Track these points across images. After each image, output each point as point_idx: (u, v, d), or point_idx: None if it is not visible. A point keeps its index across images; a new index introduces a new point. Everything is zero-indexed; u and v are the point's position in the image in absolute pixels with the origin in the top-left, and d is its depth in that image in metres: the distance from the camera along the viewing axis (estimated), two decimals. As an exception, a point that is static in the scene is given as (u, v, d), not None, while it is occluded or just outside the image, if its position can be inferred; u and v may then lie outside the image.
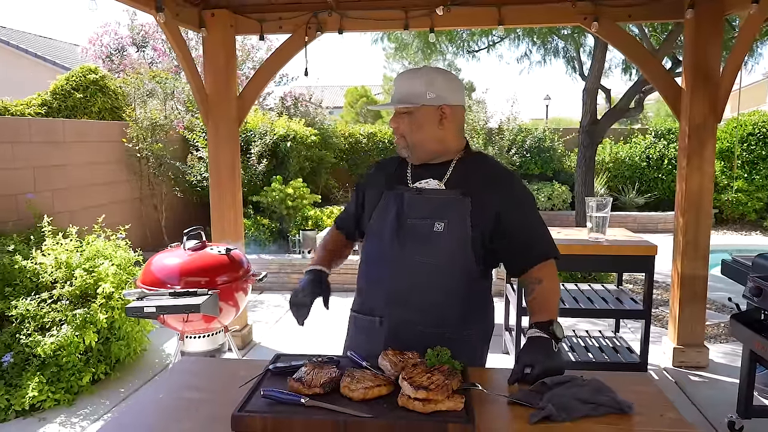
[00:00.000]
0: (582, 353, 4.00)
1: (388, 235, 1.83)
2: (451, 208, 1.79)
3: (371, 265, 1.90)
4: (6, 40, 19.29)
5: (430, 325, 1.80)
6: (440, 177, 1.84)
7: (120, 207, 6.57)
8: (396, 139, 1.87)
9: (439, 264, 1.78)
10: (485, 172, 1.86)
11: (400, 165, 1.95)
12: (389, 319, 1.83)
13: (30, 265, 4.11)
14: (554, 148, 11.13)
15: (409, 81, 1.81)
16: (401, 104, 1.80)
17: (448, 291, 1.80)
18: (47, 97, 7.68)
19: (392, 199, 1.86)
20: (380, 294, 1.85)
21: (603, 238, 3.83)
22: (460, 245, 1.77)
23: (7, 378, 3.70)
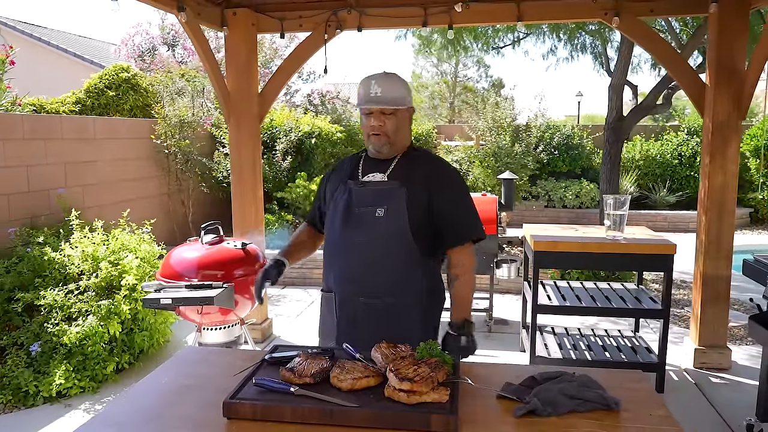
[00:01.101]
0: (599, 352, 3.96)
1: (338, 223, 2.09)
2: (390, 196, 2.05)
3: (327, 250, 2.17)
4: (47, 40, 19.92)
5: (371, 296, 2.05)
6: (384, 171, 2.12)
7: (148, 202, 6.74)
8: (374, 138, 2.06)
9: (381, 244, 2.04)
10: (422, 164, 2.12)
11: (353, 162, 2.22)
12: (339, 293, 2.10)
13: (59, 257, 4.26)
14: (583, 145, 10.97)
15: (393, 85, 2.05)
16: (393, 105, 2.04)
17: (385, 267, 2.04)
18: (81, 95, 7.92)
19: (344, 192, 2.12)
20: (333, 273, 2.13)
21: (621, 237, 3.78)
22: (399, 227, 2.02)
23: (36, 365, 3.85)
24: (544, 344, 4.10)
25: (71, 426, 3.46)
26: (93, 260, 4.28)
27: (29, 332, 3.92)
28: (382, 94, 2.02)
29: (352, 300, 2.06)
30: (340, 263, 2.10)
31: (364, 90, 2.05)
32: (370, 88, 2.03)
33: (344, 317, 2.06)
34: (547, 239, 3.79)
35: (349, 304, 2.07)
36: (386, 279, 2.04)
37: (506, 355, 4.47)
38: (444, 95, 18.08)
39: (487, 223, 4.82)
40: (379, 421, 1.36)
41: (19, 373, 3.74)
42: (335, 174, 2.24)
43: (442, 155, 8.17)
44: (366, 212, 2.05)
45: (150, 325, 4.44)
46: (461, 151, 7.89)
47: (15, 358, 3.83)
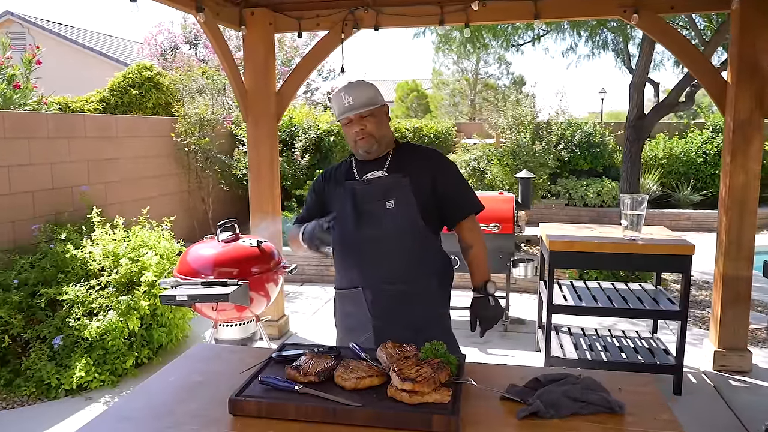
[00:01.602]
0: (615, 353, 3.92)
1: (350, 222, 2.19)
2: (395, 188, 2.18)
3: (342, 248, 2.26)
4: (74, 40, 20.30)
5: (399, 283, 2.18)
6: (381, 167, 2.24)
7: (169, 199, 6.85)
8: (361, 142, 2.18)
9: (397, 233, 2.17)
10: (415, 154, 2.29)
11: (344, 167, 2.34)
12: (370, 287, 2.19)
13: (80, 254, 4.36)
14: (605, 143, 10.83)
15: (362, 90, 2.18)
16: (368, 107, 2.16)
17: (405, 253, 2.18)
18: (105, 93, 8.07)
19: (347, 192, 2.23)
20: (357, 269, 2.23)
21: (638, 237, 3.74)
22: (410, 215, 2.17)
23: (58, 359, 3.94)
24: (560, 344, 4.07)
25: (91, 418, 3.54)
26: (114, 257, 4.36)
27: (52, 326, 4.02)
28: (354, 101, 2.14)
29: (383, 291, 2.17)
30: (363, 259, 2.20)
31: (338, 103, 2.18)
32: (342, 99, 2.16)
33: (378, 309, 2.17)
34: (562, 239, 3.77)
35: (381, 295, 2.17)
36: (409, 264, 2.18)
37: (522, 354, 4.45)
38: (465, 92, 18.00)
39: (504, 222, 4.81)
40: (381, 421, 1.38)
41: (42, 366, 3.84)
42: (329, 181, 2.35)
43: (460, 153, 8.14)
44: (376, 207, 2.17)
45: (168, 320, 4.52)
46: (479, 149, 7.85)
47: (38, 351, 3.93)
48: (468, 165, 7.69)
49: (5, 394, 3.84)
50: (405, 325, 2.03)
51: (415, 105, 24.85)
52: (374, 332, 2.14)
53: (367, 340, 2.12)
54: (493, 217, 4.81)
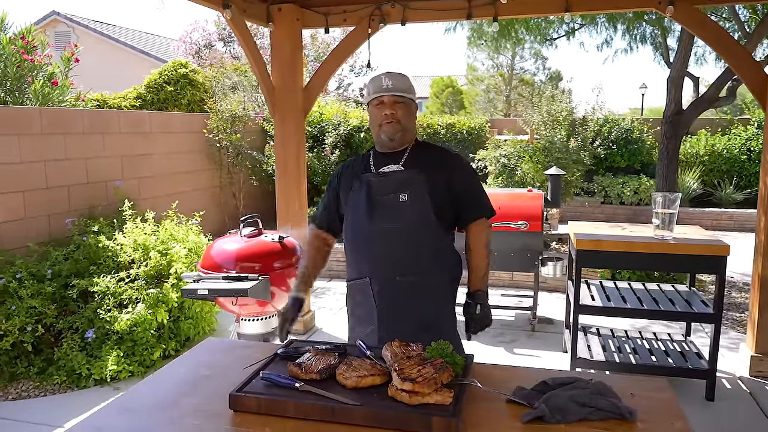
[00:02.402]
0: (645, 356, 3.80)
1: (363, 213, 2.19)
2: (410, 182, 2.19)
3: (354, 240, 2.26)
4: (116, 38, 20.85)
5: (408, 276, 2.17)
6: (398, 162, 2.25)
7: (201, 194, 6.95)
8: (387, 126, 2.18)
9: (409, 226, 2.17)
10: (433, 153, 2.29)
11: (362, 159, 2.34)
12: (378, 279, 2.19)
13: (112, 246, 4.46)
14: (643, 140, 10.53)
15: (402, 79, 2.21)
16: (405, 93, 2.20)
17: (417, 246, 2.18)
18: (142, 90, 8.25)
19: (362, 184, 2.23)
20: (367, 261, 2.23)
21: (670, 236, 3.62)
22: (422, 209, 2.17)
23: (89, 349, 4.04)
24: (587, 345, 3.98)
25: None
26: (143, 249, 4.45)
27: (84, 317, 4.12)
28: (393, 85, 2.17)
29: (391, 283, 2.17)
30: (373, 250, 2.20)
31: (375, 84, 2.20)
32: (381, 81, 2.18)
33: (384, 301, 2.17)
34: (590, 237, 3.67)
35: (389, 287, 2.17)
36: (419, 258, 2.18)
37: (548, 355, 4.36)
38: (500, 88, 17.75)
39: (532, 219, 4.72)
40: (379, 421, 1.35)
41: (73, 356, 3.94)
42: (344, 175, 2.36)
43: (490, 150, 8.03)
44: (389, 199, 2.18)
45: (196, 313, 4.59)
46: (510, 145, 7.73)
47: (70, 341, 4.04)
48: (498, 161, 7.57)
49: (38, 382, 3.96)
50: (410, 319, 2.05)
51: (450, 101, 24.66)
52: (378, 323, 2.16)
53: (372, 332, 2.14)
54: (521, 215, 4.73)
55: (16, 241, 4.52)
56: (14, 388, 3.91)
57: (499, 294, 5.70)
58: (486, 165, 7.99)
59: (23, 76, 5.61)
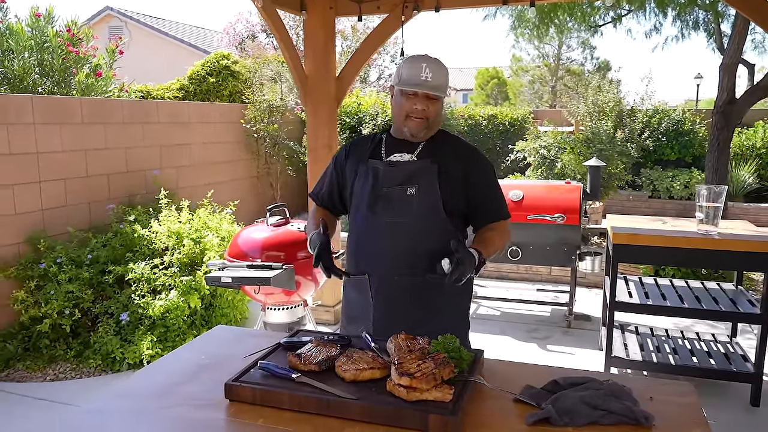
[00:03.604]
0: (685, 357, 3.62)
1: (366, 204, 2.04)
2: (421, 174, 2.01)
3: (356, 231, 2.11)
4: (166, 32, 21.36)
5: (409, 275, 2.00)
6: (412, 151, 2.07)
7: (239, 184, 7.03)
8: (416, 121, 1.99)
9: (414, 222, 2.00)
10: (451, 144, 2.10)
11: (373, 142, 2.15)
12: (376, 275, 2.04)
13: (147, 234, 4.54)
14: (695, 132, 10.07)
15: (442, 71, 1.99)
16: (441, 93, 1.98)
17: (422, 244, 2.00)
18: (185, 81, 8.40)
19: (369, 171, 2.06)
20: (366, 255, 2.08)
21: (714, 232, 3.42)
22: (432, 205, 2.00)
23: (123, 334, 4.13)
24: (624, 344, 3.82)
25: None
26: (177, 237, 4.52)
27: (119, 303, 4.21)
28: (432, 79, 1.95)
29: (390, 281, 2.02)
30: (373, 245, 2.05)
31: (413, 71, 1.95)
32: (420, 69, 1.94)
33: (381, 299, 2.03)
34: (627, 231, 3.51)
35: (387, 285, 2.02)
36: (423, 257, 1.98)
37: (583, 353, 4.21)
38: (545, 78, 17.32)
39: (569, 212, 4.56)
40: (374, 416, 1.30)
41: (108, 340, 4.03)
42: (351, 156, 2.16)
43: (530, 141, 7.82)
44: (395, 191, 2.01)
45: (228, 301, 4.63)
46: (550, 136, 7.51)
47: (105, 326, 4.14)
48: (537, 153, 7.37)
49: (75, 365, 4.07)
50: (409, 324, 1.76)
51: (495, 92, 24.28)
52: (374, 323, 2.01)
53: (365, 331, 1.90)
54: (558, 207, 4.58)
55: (57, 227, 4.66)
56: (52, 370, 4.03)
57: (535, 289, 5.55)
58: (525, 156, 7.79)
59: (68, 68, 5.77)
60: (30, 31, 5.57)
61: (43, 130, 4.55)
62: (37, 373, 3.98)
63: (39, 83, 5.64)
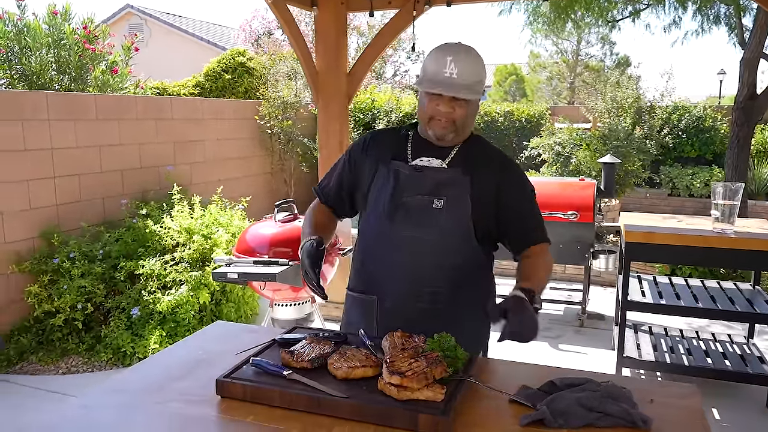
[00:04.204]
0: (700, 358, 3.54)
1: (383, 213, 1.77)
2: (450, 186, 1.75)
3: (368, 243, 1.85)
4: (185, 29, 21.55)
5: (427, 302, 1.76)
6: (443, 156, 1.80)
7: (253, 180, 7.05)
8: (438, 123, 1.73)
9: (437, 241, 1.74)
10: (486, 154, 1.83)
11: (397, 139, 1.87)
12: (388, 298, 1.79)
13: (159, 230, 4.57)
14: (716, 128, 9.87)
15: (472, 66, 1.70)
16: (470, 95, 1.69)
17: (446, 268, 1.76)
18: (201, 78, 8.44)
19: (389, 175, 1.79)
20: (376, 271, 1.82)
21: (730, 230, 3.34)
22: (460, 221, 1.74)
23: (134, 329, 4.16)
24: (637, 344, 3.75)
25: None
26: (188, 233, 4.54)
27: (130, 298, 4.25)
28: (458, 77, 1.66)
29: (404, 306, 1.76)
30: (387, 262, 1.78)
31: (436, 66, 1.68)
32: (444, 65, 1.66)
33: (388, 324, 1.71)
34: (640, 230, 3.44)
35: (400, 310, 1.76)
36: (445, 281, 1.75)
37: (595, 352, 4.15)
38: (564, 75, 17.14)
39: (583, 210, 4.50)
40: (364, 415, 1.28)
41: (119, 334, 4.07)
42: (371, 151, 1.87)
43: (545, 137, 7.73)
44: (419, 202, 1.75)
45: (238, 297, 4.64)
46: (565, 133, 7.41)
47: (117, 320, 4.17)
48: (552, 149, 7.28)
49: (87, 358, 4.12)
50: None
51: (513, 89, 24.08)
52: None
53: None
54: (571, 205, 4.51)
55: (71, 222, 4.71)
56: (65, 363, 4.08)
57: (548, 287, 5.48)
58: (539, 153, 7.71)
59: (85, 65, 5.84)
60: (47, 28, 5.64)
61: (57, 126, 4.60)
62: (50, 366, 4.03)
63: (56, 80, 5.71)
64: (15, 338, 4.17)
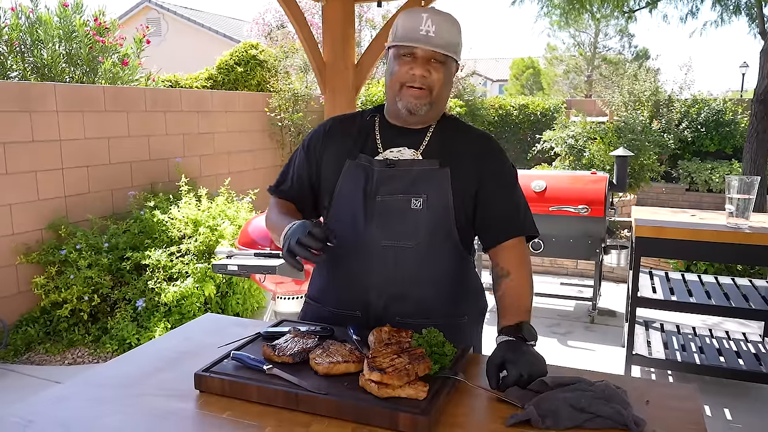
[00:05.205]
0: (712, 356, 3.45)
1: (355, 216, 1.58)
2: (429, 180, 1.56)
3: (337, 252, 1.59)
4: (201, 23, 21.63)
5: (412, 316, 1.60)
6: (416, 145, 1.61)
7: (263, 172, 7.03)
8: (413, 92, 1.52)
9: (420, 246, 1.57)
10: (464, 137, 1.65)
11: (363, 126, 1.67)
12: (369, 315, 1.62)
13: (165, 221, 4.56)
14: (736, 122, 9.67)
15: (450, 26, 1.53)
16: (448, 51, 1.51)
17: (433, 276, 1.61)
18: (213, 71, 8.43)
19: (358, 170, 1.60)
20: (353, 286, 1.63)
21: (745, 225, 3.24)
22: (443, 223, 1.57)
23: (140, 320, 4.17)
24: (647, 342, 3.66)
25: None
26: (194, 225, 4.53)
27: (136, 289, 4.25)
28: (436, 35, 1.48)
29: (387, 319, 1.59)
30: (365, 273, 1.60)
31: (411, 23, 1.50)
32: (420, 21, 1.48)
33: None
34: (651, 224, 3.35)
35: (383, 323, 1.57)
36: (434, 292, 1.61)
37: (604, 349, 4.07)
38: (581, 68, 16.90)
39: (594, 204, 4.40)
40: (342, 412, 1.23)
41: (124, 326, 4.07)
42: (333, 142, 1.67)
43: (558, 130, 7.61)
44: (395, 202, 1.55)
45: (244, 290, 4.63)
46: (578, 126, 7.29)
47: (123, 312, 4.18)
48: (564, 142, 7.15)
49: (93, 350, 4.13)
50: None
51: (530, 83, 23.83)
52: None
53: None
54: (582, 199, 4.42)
55: (80, 214, 4.72)
56: (71, 354, 4.10)
57: (558, 282, 5.40)
58: (552, 146, 7.59)
59: (95, 57, 5.84)
60: (58, 20, 5.66)
61: (65, 118, 4.61)
62: (56, 356, 4.05)
63: (67, 72, 5.72)
64: (23, 328, 4.19)
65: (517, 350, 1.36)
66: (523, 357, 1.34)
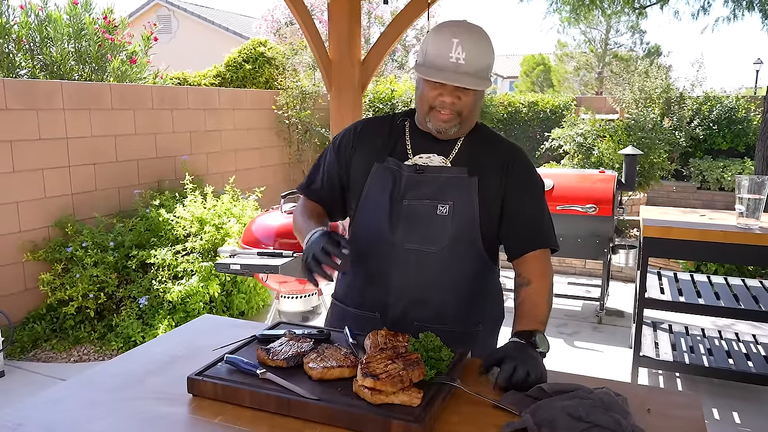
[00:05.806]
0: (721, 359, 3.40)
1: (380, 220, 1.59)
2: (456, 188, 1.57)
3: (362, 253, 1.63)
4: (212, 20, 21.68)
5: (433, 322, 1.61)
6: (446, 152, 1.61)
7: (270, 170, 7.03)
8: (441, 116, 1.52)
9: (444, 252, 1.57)
10: (493, 147, 1.65)
11: (393, 130, 1.67)
12: (388, 319, 1.63)
13: (171, 219, 4.57)
14: (749, 120, 9.53)
15: (481, 49, 1.48)
16: (481, 82, 1.48)
17: (453, 282, 1.61)
18: (222, 68, 8.44)
19: (386, 174, 1.60)
20: (374, 287, 1.64)
21: (756, 225, 3.18)
22: (468, 230, 1.57)
23: (144, 318, 4.17)
24: (655, 343, 3.61)
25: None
26: (200, 223, 4.52)
27: (141, 287, 4.26)
28: (466, 63, 1.45)
29: (406, 328, 1.58)
30: (386, 275, 1.61)
31: (440, 49, 1.46)
32: (450, 49, 1.44)
33: None
34: (659, 224, 3.30)
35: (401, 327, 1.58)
36: (454, 298, 1.62)
37: (611, 350, 4.02)
38: (591, 64, 16.75)
39: (602, 203, 4.35)
40: (334, 419, 1.21)
41: (129, 323, 4.08)
42: (363, 144, 1.68)
43: (566, 128, 7.53)
44: (421, 207, 1.57)
45: (249, 288, 4.62)
46: (587, 123, 7.22)
47: (128, 309, 4.19)
48: (573, 140, 7.09)
49: (98, 347, 4.14)
50: None
51: (540, 80, 23.66)
52: None
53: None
54: (590, 198, 4.37)
55: (87, 211, 4.74)
56: (77, 351, 4.11)
57: (566, 282, 5.35)
58: (561, 144, 7.53)
59: (104, 55, 5.86)
60: (67, 18, 5.67)
61: (72, 116, 4.62)
62: (62, 354, 4.07)
63: (76, 70, 5.74)
64: (29, 325, 4.21)
65: (520, 350, 1.39)
66: (522, 355, 1.36)
